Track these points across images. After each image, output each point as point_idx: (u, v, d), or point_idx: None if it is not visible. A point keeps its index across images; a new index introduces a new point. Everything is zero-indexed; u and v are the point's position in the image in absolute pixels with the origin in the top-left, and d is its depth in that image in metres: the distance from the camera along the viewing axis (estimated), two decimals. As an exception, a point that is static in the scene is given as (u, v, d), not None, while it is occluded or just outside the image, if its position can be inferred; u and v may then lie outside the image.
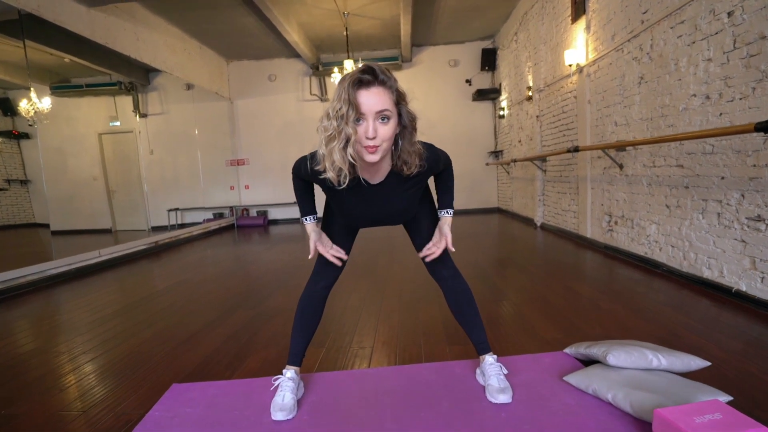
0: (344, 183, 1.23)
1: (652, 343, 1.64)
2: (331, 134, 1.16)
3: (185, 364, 1.98)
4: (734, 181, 2.37)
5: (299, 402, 1.53)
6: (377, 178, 1.33)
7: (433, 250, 1.48)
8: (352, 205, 1.40)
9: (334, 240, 1.53)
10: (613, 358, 1.47)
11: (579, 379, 1.50)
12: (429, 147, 1.35)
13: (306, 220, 1.51)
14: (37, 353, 2.25)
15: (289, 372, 1.52)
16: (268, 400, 1.51)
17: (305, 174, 1.36)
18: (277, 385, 1.51)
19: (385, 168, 1.31)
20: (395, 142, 1.25)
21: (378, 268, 3.81)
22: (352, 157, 1.17)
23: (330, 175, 1.21)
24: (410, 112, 1.24)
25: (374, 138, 1.16)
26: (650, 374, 1.43)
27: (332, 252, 1.48)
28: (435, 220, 1.54)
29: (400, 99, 1.21)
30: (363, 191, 1.34)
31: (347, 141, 1.16)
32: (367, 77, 1.16)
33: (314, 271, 1.59)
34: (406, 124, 1.23)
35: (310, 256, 1.50)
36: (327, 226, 1.56)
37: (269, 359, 1.97)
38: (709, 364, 1.47)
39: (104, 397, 1.70)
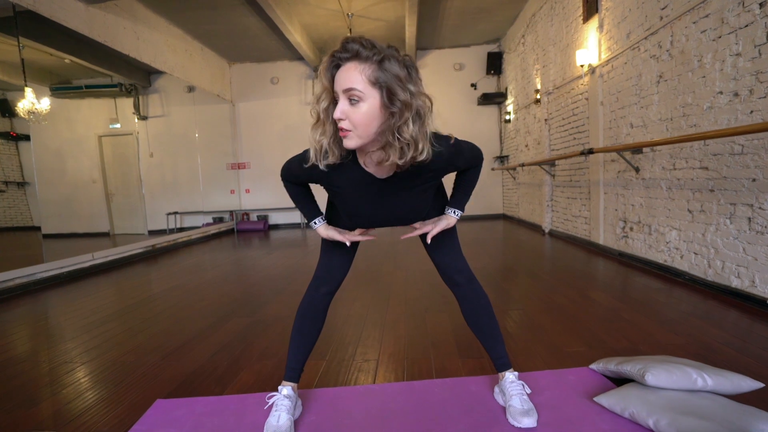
0: (335, 162, 1.12)
1: (690, 360, 1.47)
2: (315, 119, 1.09)
3: (172, 376, 1.81)
4: (768, 183, 2.20)
5: (296, 423, 1.36)
6: (383, 172, 1.17)
7: (417, 226, 1.35)
8: (357, 203, 1.25)
9: (336, 244, 1.38)
10: (652, 378, 1.30)
11: (613, 400, 1.32)
12: (447, 142, 1.15)
13: (315, 224, 1.35)
14: (15, 362, 2.09)
15: (286, 389, 1.35)
16: (262, 420, 1.35)
17: (298, 174, 1.24)
18: (272, 404, 1.34)
19: (392, 161, 1.15)
20: (398, 131, 1.03)
21: (382, 274, 3.64)
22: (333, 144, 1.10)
23: (320, 162, 1.12)
24: (403, 98, 1.00)
25: (344, 120, 1.03)
26: (695, 397, 1.26)
27: (357, 233, 1.35)
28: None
29: (387, 78, 0.99)
30: (368, 187, 1.19)
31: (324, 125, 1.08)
32: (345, 52, 1.02)
33: (315, 276, 1.43)
34: (394, 110, 1.01)
35: (348, 244, 1.34)
36: None
37: (264, 373, 1.80)
38: (762, 385, 1.30)
39: (82, 413, 1.54)
